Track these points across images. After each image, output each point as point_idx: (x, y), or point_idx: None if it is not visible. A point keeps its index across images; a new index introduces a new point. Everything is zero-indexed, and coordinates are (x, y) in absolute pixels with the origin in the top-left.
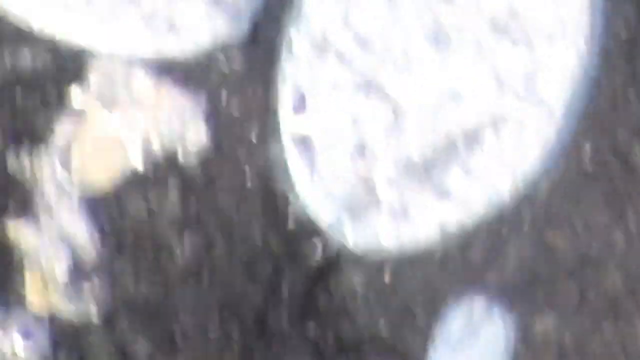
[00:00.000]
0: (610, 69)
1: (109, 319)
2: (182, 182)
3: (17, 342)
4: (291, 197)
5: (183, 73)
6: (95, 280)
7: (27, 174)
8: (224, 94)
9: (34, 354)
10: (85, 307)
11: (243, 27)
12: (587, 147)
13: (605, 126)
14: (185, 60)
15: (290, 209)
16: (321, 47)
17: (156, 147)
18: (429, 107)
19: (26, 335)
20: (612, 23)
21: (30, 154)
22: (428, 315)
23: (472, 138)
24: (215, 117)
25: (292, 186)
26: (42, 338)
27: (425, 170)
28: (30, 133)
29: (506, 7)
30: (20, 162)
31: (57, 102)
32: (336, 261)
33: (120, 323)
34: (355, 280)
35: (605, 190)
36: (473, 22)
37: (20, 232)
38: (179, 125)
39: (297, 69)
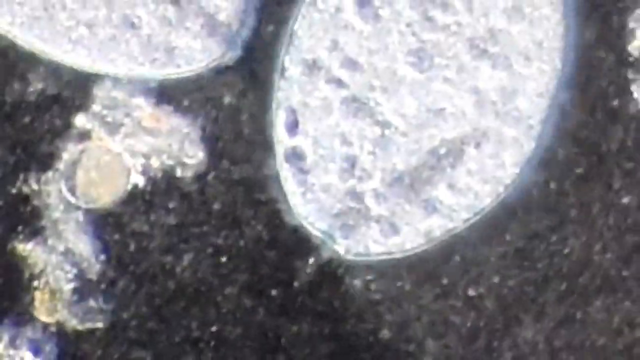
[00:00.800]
0: (581, 86)
1: (113, 332)
2: (180, 199)
3: (26, 358)
4: (286, 212)
5: (180, 96)
6: (100, 295)
7: (35, 197)
8: (219, 115)
9: None
10: (91, 322)
11: (237, 52)
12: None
13: (577, 140)
14: (182, 84)
15: (285, 222)
16: (312, 69)
17: (155, 166)
18: (414, 124)
19: (35, 352)
20: (583, 45)
21: (38, 177)
22: (418, 320)
23: (455, 153)
24: (211, 138)
25: (286, 200)
26: (51, 353)
27: (412, 184)
28: (38, 157)
29: (486, 29)
30: (28, 185)
31: (62, 126)
32: (330, 267)
33: (123, 335)
34: (350, 285)
35: (580, 203)
36: (454, 44)
37: (29, 253)
38: (177, 146)
39: (289, 90)
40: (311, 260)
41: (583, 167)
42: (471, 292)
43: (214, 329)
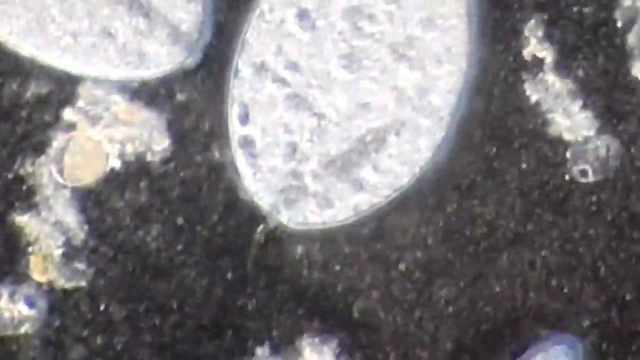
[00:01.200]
0: (484, 85)
1: (94, 290)
2: (150, 180)
3: (23, 310)
4: (238, 189)
5: (150, 94)
6: (84, 259)
7: (30, 178)
8: (183, 109)
9: (36, 319)
10: (75, 281)
11: (197, 56)
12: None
13: (482, 128)
14: (152, 84)
15: (238, 197)
16: (260, 71)
17: (129, 152)
18: (344, 116)
19: (30, 305)
20: (485, 50)
21: (32, 161)
22: (347, 277)
23: (379, 140)
24: (176, 129)
25: (239, 180)
26: (43, 307)
27: (343, 166)
28: (32, 144)
29: (404, 37)
30: (24, 168)
31: (52, 119)
32: (275, 235)
33: (103, 293)
34: (292, 249)
35: (484, 176)
36: (378, 49)
37: (25, 224)
38: (147, 135)
39: (242, 88)
40: (260, 228)
41: (489, 149)
42: (394, 256)
43: (180, 289)
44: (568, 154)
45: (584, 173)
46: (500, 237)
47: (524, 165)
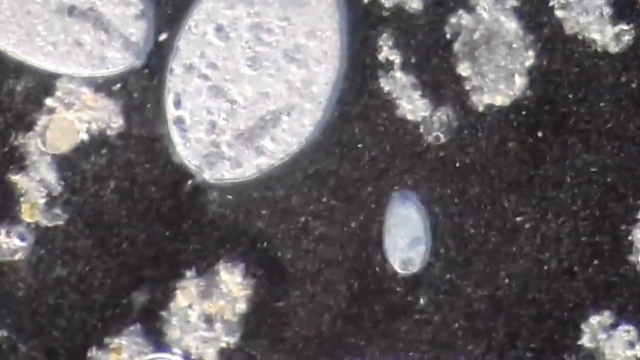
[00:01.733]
0: (351, 79)
1: (68, 227)
2: (109, 149)
3: (16, 243)
4: (173, 155)
5: (109, 86)
6: (60, 205)
7: (22, 147)
8: (133, 97)
9: (26, 249)
10: (55, 221)
11: (142, 59)
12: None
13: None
14: (110, 79)
15: (173, 161)
16: (189, 69)
17: (94, 129)
18: (250, 101)
19: (22, 239)
20: (357, 52)
21: (23, 135)
22: (251, 217)
23: (275, 119)
24: (127, 111)
25: (174, 148)
26: (31, 240)
27: (249, 138)
28: (23, 123)
29: (293, 45)
30: (17, 140)
31: (38, 105)
32: (200, 187)
33: (75, 229)
34: (212, 198)
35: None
36: (275, 53)
37: (18, 180)
38: (107, 116)
39: (175, 82)
40: (189, 182)
41: (355, 126)
42: (284, 201)
43: (129, 228)
44: (421, 129)
45: (437, 138)
46: (360, 186)
47: (380, 138)
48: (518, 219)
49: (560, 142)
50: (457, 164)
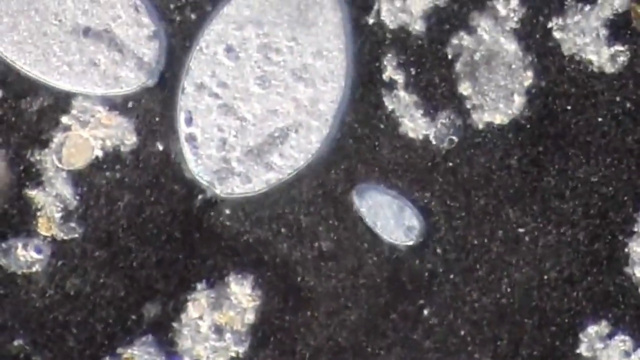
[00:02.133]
0: (356, 97)
1: (84, 240)
2: (123, 165)
3: (33, 256)
4: (185, 170)
5: (123, 104)
6: (76, 219)
7: (38, 163)
8: (145, 115)
9: (43, 261)
10: (71, 234)
11: (155, 79)
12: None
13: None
14: (124, 98)
15: (184, 176)
16: (200, 88)
17: (108, 145)
18: (259, 119)
19: (38, 252)
20: (361, 72)
21: (40, 152)
22: (260, 230)
23: (283, 135)
24: (141, 128)
25: (186, 164)
26: (47, 253)
27: (258, 154)
28: (40, 140)
29: (301, 64)
30: (34, 157)
31: (54, 122)
32: (211, 202)
33: (90, 242)
34: (224, 212)
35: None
36: (283, 72)
37: (35, 196)
38: (121, 134)
39: (187, 100)
40: (200, 197)
41: (360, 142)
42: (292, 215)
43: (143, 239)
44: (432, 139)
45: (451, 141)
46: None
47: (385, 151)
48: (520, 229)
49: (559, 155)
50: (460, 177)
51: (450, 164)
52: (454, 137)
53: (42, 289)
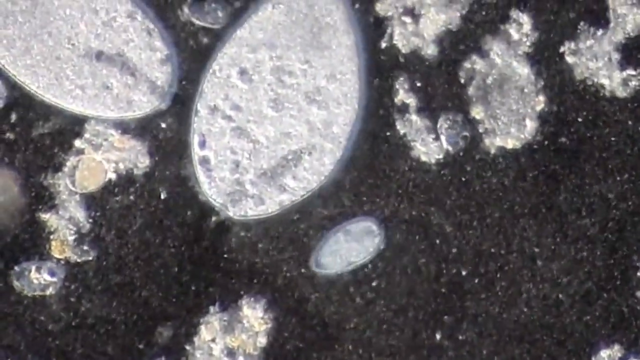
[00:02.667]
0: (369, 120)
1: (97, 263)
2: (136, 188)
3: (47, 278)
4: (198, 193)
5: (136, 128)
6: (89, 242)
7: (52, 187)
8: (158, 138)
9: (56, 284)
10: (84, 257)
11: (168, 102)
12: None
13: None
14: (137, 121)
15: (198, 199)
16: (213, 111)
17: (121, 169)
18: (273, 141)
19: (52, 274)
20: (374, 96)
21: (53, 175)
22: (273, 252)
23: (297, 158)
24: (154, 152)
25: (199, 187)
26: (61, 275)
27: (272, 176)
28: (53, 163)
29: (314, 87)
30: (47, 180)
31: (67, 145)
32: (225, 224)
33: (103, 265)
34: (237, 234)
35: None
36: (296, 95)
37: (48, 219)
38: (134, 157)
39: (200, 123)
40: (214, 219)
41: (372, 166)
42: (306, 237)
43: (156, 261)
44: (444, 143)
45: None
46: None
47: (397, 176)
48: (536, 249)
49: (575, 172)
50: (474, 194)
51: (463, 179)
52: (466, 133)
53: (55, 312)
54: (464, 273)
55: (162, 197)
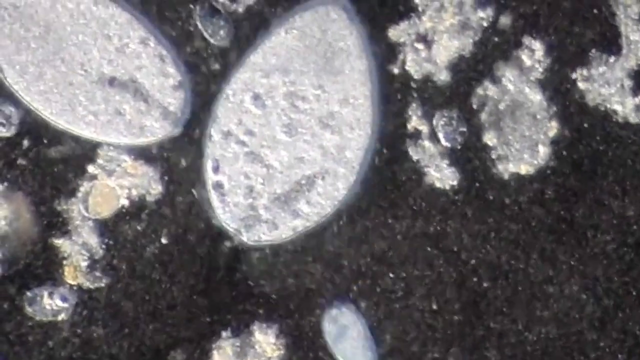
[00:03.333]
0: (381, 146)
1: (110, 289)
2: (148, 214)
3: (59, 304)
4: (212, 218)
5: (148, 154)
6: (102, 268)
7: (65, 212)
8: (171, 164)
9: (68, 309)
10: (97, 283)
11: (180, 128)
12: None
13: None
14: (149, 147)
15: (211, 224)
16: (227, 136)
17: (134, 194)
18: (286, 166)
19: (64, 300)
20: (387, 121)
21: (66, 201)
22: (286, 277)
23: (310, 183)
24: (166, 177)
25: (213, 212)
26: (73, 301)
27: (285, 201)
28: (67, 189)
29: (328, 112)
30: (61, 205)
31: (81, 171)
32: (238, 249)
33: (116, 291)
34: (250, 259)
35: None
36: (309, 120)
37: (61, 244)
38: (146, 183)
39: (213, 148)
40: (228, 244)
41: (385, 190)
42: (310, 260)
43: (169, 286)
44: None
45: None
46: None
47: (411, 201)
48: (551, 272)
49: (594, 189)
50: (491, 211)
51: (481, 201)
52: (457, 137)
53: (66, 338)
54: (485, 285)
55: (164, 241)
